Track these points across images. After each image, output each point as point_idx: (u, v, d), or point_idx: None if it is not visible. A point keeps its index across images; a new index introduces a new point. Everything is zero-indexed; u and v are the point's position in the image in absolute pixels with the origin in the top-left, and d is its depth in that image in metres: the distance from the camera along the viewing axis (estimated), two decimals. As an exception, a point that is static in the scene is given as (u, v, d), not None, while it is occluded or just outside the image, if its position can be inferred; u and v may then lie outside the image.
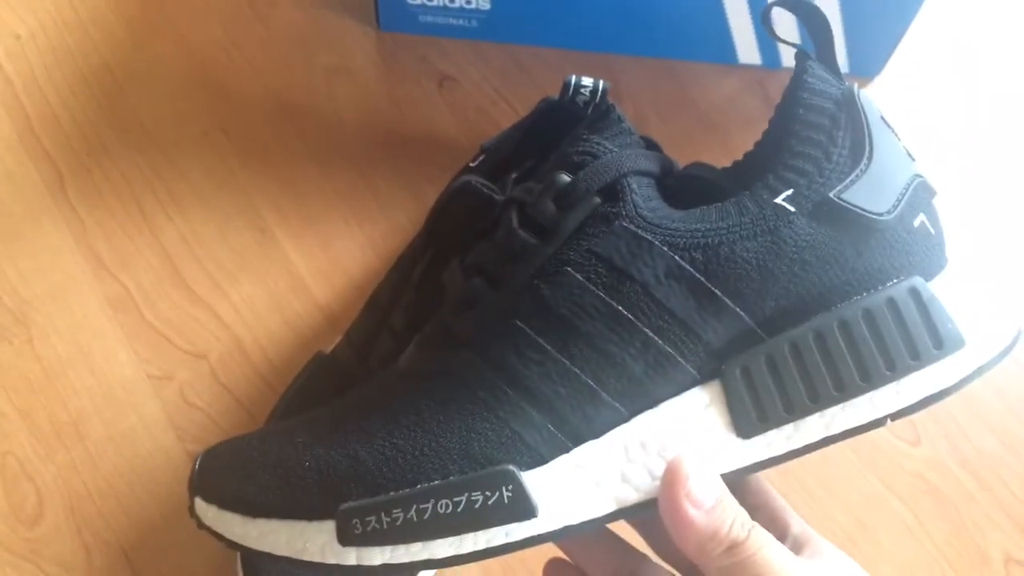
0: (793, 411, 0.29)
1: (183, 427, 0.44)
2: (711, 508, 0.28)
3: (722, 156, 0.52)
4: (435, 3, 0.53)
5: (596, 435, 0.29)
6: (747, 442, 0.29)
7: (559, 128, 0.42)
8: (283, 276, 0.48)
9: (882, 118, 0.32)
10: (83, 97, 0.52)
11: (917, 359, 0.29)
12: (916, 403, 0.29)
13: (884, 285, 0.29)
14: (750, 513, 0.29)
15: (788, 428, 0.29)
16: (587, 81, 0.41)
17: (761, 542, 0.28)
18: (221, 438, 0.44)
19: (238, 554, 0.40)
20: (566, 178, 0.30)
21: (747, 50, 0.54)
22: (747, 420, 0.29)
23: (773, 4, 0.33)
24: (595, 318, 0.29)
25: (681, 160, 0.36)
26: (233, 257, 0.48)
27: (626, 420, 0.30)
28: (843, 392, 0.29)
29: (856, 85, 0.32)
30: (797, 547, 0.30)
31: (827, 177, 0.29)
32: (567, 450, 0.29)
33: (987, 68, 0.56)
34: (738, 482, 0.31)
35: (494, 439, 0.29)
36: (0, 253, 0.48)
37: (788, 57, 0.54)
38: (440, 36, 0.55)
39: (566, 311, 0.29)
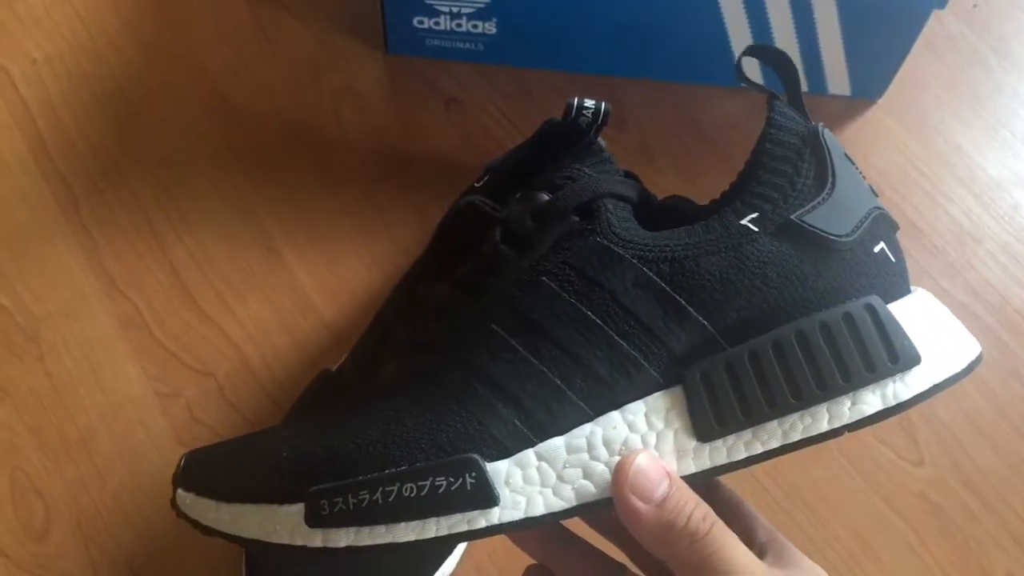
0: (751, 416, 0.30)
1: (190, 443, 0.45)
2: (661, 502, 0.29)
3: (725, 177, 0.53)
4: (442, 27, 0.54)
5: (561, 432, 0.30)
6: (707, 445, 0.30)
7: (561, 149, 0.43)
8: (290, 294, 0.49)
9: (845, 155, 0.33)
10: (97, 120, 0.53)
11: (872, 371, 0.30)
12: (872, 415, 0.30)
13: (843, 303, 0.30)
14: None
15: (747, 434, 0.30)
16: (589, 103, 0.41)
17: (724, 540, 0.28)
18: (227, 455, 0.44)
19: (243, 564, 0.41)
20: (545, 196, 0.32)
21: (749, 73, 0.55)
22: (707, 424, 0.30)
23: (744, 53, 0.35)
24: (565, 322, 0.30)
25: (684, 181, 0.37)
26: (241, 276, 0.49)
27: (591, 419, 0.31)
28: (801, 400, 0.30)
29: (822, 124, 0.33)
30: (762, 553, 0.31)
31: (791, 203, 0.31)
32: (532, 444, 0.30)
33: (988, 89, 0.57)
34: (707, 488, 0.32)
35: (462, 431, 0.30)
36: (13, 271, 0.49)
37: (790, 79, 0.55)
38: (447, 59, 0.56)
39: (538, 316, 0.31)
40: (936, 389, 0.30)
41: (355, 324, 0.48)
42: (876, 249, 0.32)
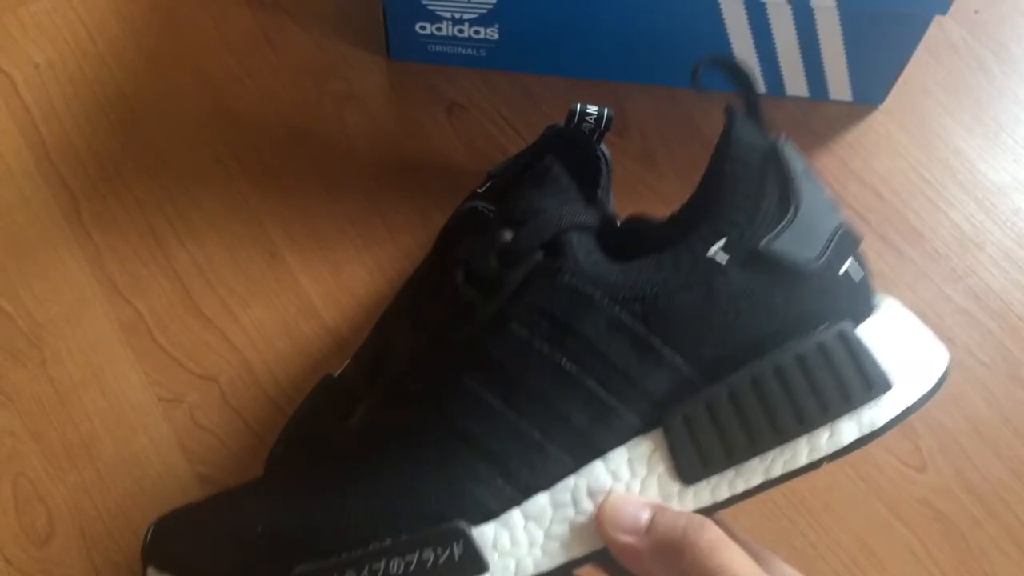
0: (733, 456, 0.30)
1: (193, 449, 0.45)
2: (648, 527, 0.28)
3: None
4: (444, 33, 0.54)
5: (545, 486, 0.30)
6: (691, 488, 0.30)
7: (564, 155, 0.43)
8: (293, 300, 0.49)
9: (807, 169, 0.33)
10: (99, 125, 0.53)
11: (848, 401, 0.30)
12: (850, 444, 0.30)
13: (815, 330, 0.30)
14: None
15: (730, 473, 0.30)
16: (592, 109, 0.42)
17: (728, 545, 0.28)
18: (230, 460, 0.44)
19: None
20: (508, 235, 0.31)
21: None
22: (690, 466, 0.30)
23: (700, 63, 0.34)
24: (539, 372, 0.30)
25: (686, 187, 0.37)
26: (244, 281, 0.49)
27: (574, 471, 0.30)
28: (780, 434, 0.29)
29: (782, 138, 0.33)
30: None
31: (757, 226, 0.30)
32: (518, 503, 0.30)
33: (990, 95, 0.57)
34: None
35: (444, 495, 0.29)
36: (16, 277, 0.49)
37: (792, 86, 0.55)
38: (449, 65, 0.56)
39: (511, 366, 0.30)
40: (909, 412, 0.31)
41: (358, 329, 0.48)
42: (843, 270, 0.32)
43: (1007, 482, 0.45)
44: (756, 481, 0.30)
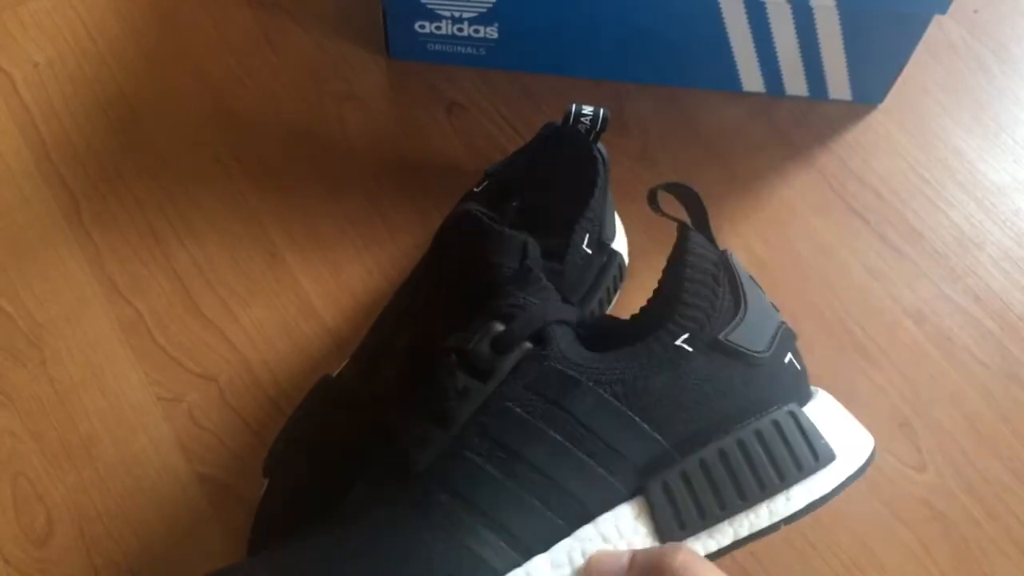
0: (706, 519, 0.34)
1: (192, 449, 0.45)
2: (628, 565, 0.32)
3: (725, 182, 0.53)
4: (444, 32, 0.54)
5: (544, 549, 0.33)
6: None
7: (561, 154, 0.43)
8: (292, 300, 0.49)
9: (751, 277, 0.38)
10: (99, 125, 0.53)
11: (801, 470, 0.34)
12: (803, 508, 0.35)
13: (768, 410, 0.35)
14: None
15: (703, 535, 0.34)
16: (588, 109, 0.42)
17: (692, 556, 0.31)
18: (229, 460, 0.45)
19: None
20: (500, 326, 0.35)
21: (751, 78, 0.55)
22: (670, 528, 0.34)
23: (655, 189, 0.39)
24: (536, 446, 0.33)
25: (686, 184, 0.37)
26: (243, 281, 0.49)
27: (568, 534, 0.34)
28: (745, 500, 0.34)
29: (728, 250, 0.38)
30: None
31: (714, 322, 0.35)
32: (519, 564, 0.33)
33: (989, 95, 0.57)
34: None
35: (452, 559, 0.32)
36: (16, 276, 0.49)
37: (792, 85, 0.55)
38: (449, 64, 0.56)
39: (509, 441, 0.33)
40: (850, 480, 0.36)
41: (357, 329, 0.48)
42: (786, 360, 0.37)
43: (1006, 482, 0.45)
44: (726, 541, 0.34)
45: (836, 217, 0.52)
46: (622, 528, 0.33)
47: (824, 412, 0.37)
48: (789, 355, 0.37)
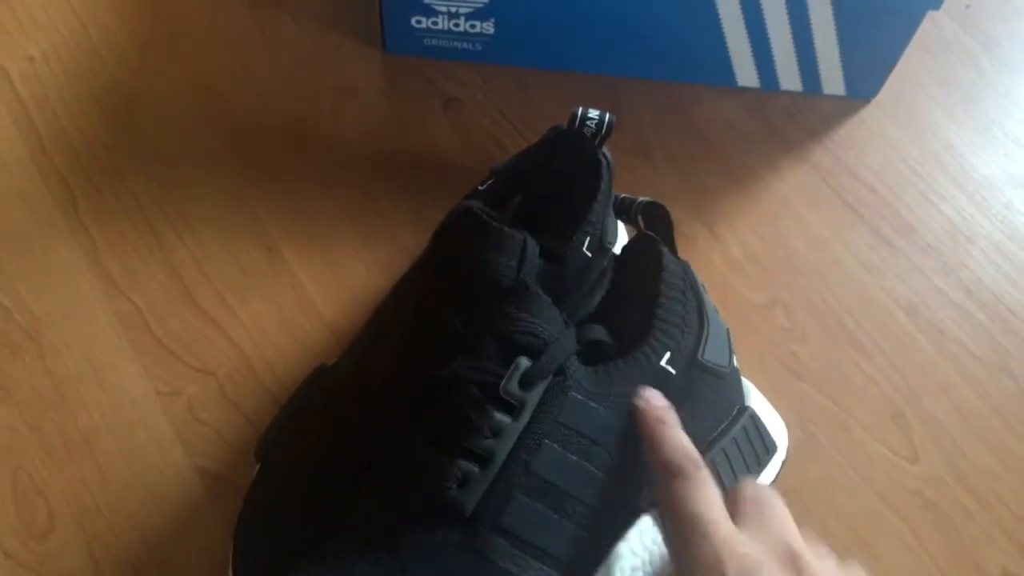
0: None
1: (191, 442, 0.45)
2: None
3: (720, 176, 0.53)
4: (440, 27, 0.54)
5: (592, 573, 0.35)
6: None
7: (566, 156, 0.43)
8: (290, 294, 0.49)
9: (701, 284, 0.42)
10: (95, 118, 0.53)
11: (759, 464, 0.40)
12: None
13: (732, 414, 0.40)
14: None
15: None
16: (593, 113, 0.42)
17: (708, 480, 0.33)
18: (229, 453, 0.45)
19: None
20: (527, 362, 0.36)
21: (745, 73, 0.55)
22: None
23: (634, 203, 0.41)
24: (576, 479, 0.35)
25: (680, 179, 0.38)
26: (241, 275, 0.49)
27: (607, 556, 0.35)
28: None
29: (687, 261, 0.42)
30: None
31: (686, 337, 0.39)
32: None
33: (980, 89, 0.57)
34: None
35: None
36: (13, 271, 0.49)
37: (786, 80, 0.55)
38: (445, 59, 0.56)
39: (554, 479, 0.35)
40: (783, 467, 0.42)
41: (355, 322, 0.48)
42: (737, 365, 0.42)
43: (997, 472, 0.46)
44: None
45: (829, 211, 0.53)
46: (645, 541, 0.36)
47: (760, 404, 0.42)
48: (735, 360, 0.42)
